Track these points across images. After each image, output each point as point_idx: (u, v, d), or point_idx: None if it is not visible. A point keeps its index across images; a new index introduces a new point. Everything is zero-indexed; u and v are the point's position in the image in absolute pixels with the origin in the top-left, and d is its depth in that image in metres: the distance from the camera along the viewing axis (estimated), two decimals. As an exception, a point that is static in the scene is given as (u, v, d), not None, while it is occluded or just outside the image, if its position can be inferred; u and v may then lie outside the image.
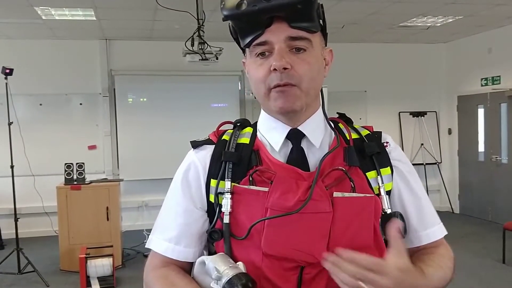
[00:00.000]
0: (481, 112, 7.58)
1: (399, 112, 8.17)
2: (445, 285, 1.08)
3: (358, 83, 7.87)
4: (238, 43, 1.11)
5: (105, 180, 5.92)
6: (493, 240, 5.98)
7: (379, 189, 1.09)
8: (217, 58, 4.75)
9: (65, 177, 5.36)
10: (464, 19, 6.40)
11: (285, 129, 1.10)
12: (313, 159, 1.09)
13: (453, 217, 7.73)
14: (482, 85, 7.40)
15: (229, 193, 1.06)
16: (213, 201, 1.09)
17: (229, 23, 1.08)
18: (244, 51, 1.13)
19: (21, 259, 5.04)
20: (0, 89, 5.04)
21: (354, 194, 1.04)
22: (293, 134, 1.10)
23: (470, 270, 5.08)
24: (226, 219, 1.05)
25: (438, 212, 1.19)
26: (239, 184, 1.06)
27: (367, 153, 1.11)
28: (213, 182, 1.09)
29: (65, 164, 5.39)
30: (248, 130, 1.17)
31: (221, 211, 1.06)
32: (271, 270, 1.01)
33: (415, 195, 1.16)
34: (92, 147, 7.16)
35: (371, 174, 1.10)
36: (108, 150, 7.17)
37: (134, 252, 5.87)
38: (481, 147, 7.62)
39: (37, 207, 6.59)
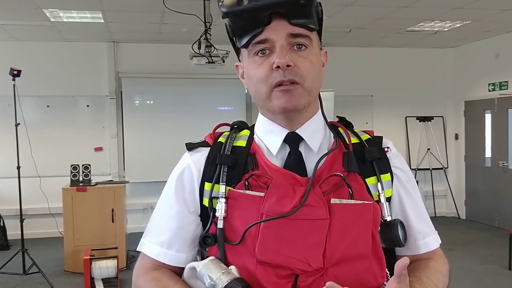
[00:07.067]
0: (488, 117, 7.54)
1: (406, 117, 8.13)
2: None
3: (364, 88, 7.84)
4: (233, 44, 1.07)
5: (110, 182, 5.93)
6: (499, 247, 5.93)
7: (379, 196, 1.06)
8: (223, 61, 4.77)
9: (71, 179, 5.37)
10: (471, 24, 6.38)
11: (283, 133, 1.07)
12: (311, 163, 1.05)
13: (459, 223, 7.63)
14: (489, 90, 7.37)
15: (223, 198, 1.03)
16: (207, 205, 1.06)
17: (225, 22, 1.05)
18: (238, 54, 1.10)
19: (26, 260, 5.06)
20: (8, 90, 5.07)
21: (352, 201, 1.01)
22: (291, 138, 1.07)
23: (476, 276, 5.04)
24: (220, 224, 1.02)
25: (444, 218, 1.18)
26: (234, 188, 1.03)
27: (367, 158, 1.07)
28: (207, 186, 1.06)
29: (71, 165, 5.41)
30: (245, 133, 1.14)
31: (215, 215, 1.03)
32: (265, 277, 0.98)
33: (415, 202, 1.13)
34: (98, 149, 7.18)
35: (371, 180, 1.06)
36: (114, 152, 7.19)
37: (138, 254, 5.86)
38: (488, 153, 7.57)
39: (43, 208, 6.61)
